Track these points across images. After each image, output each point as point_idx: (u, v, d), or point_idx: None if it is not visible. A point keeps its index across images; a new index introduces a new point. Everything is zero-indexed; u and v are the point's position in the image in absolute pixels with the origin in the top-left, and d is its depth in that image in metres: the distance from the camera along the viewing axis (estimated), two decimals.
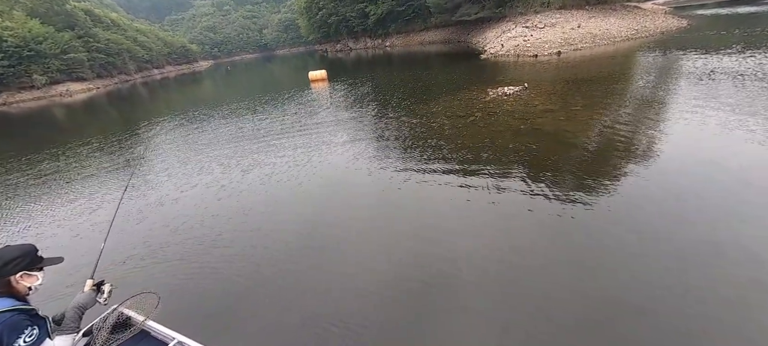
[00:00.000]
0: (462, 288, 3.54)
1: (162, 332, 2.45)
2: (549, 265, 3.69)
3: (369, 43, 59.74)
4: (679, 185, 4.81)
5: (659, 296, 3.13)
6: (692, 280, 3.26)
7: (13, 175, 9.87)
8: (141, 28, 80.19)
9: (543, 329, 2.97)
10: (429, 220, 4.85)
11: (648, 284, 3.28)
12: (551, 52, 19.46)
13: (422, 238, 4.45)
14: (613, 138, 6.62)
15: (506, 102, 10.21)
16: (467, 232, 4.45)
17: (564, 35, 21.51)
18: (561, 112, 8.54)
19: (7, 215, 7.07)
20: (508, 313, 3.18)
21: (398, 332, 3.16)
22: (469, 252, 4.03)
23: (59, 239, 5.80)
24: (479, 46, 28.00)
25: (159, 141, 12.17)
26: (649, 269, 3.44)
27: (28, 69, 44.27)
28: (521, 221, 4.51)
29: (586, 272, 3.53)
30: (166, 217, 6.07)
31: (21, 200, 7.85)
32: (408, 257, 4.12)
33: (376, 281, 3.78)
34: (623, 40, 20.81)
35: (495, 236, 4.34)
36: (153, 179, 8.03)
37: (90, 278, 2.18)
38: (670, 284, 3.23)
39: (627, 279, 3.36)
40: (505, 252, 3.96)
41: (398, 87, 15.91)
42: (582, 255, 3.78)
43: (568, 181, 5.28)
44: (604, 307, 3.12)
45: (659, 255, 3.59)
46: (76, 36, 52.56)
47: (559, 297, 3.26)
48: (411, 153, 7.37)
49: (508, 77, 14.31)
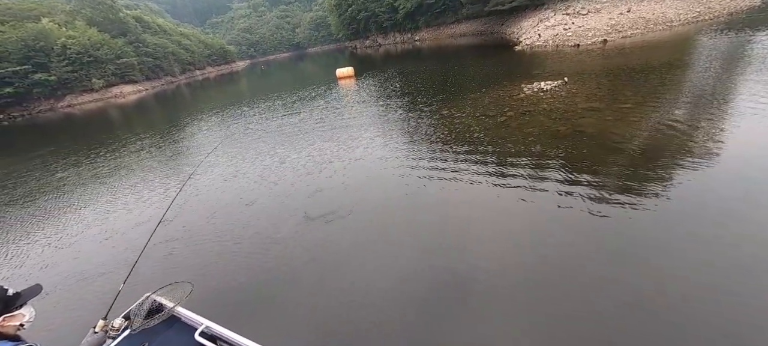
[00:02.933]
0: (486, 293, 3.41)
1: (191, 318, 2.62)
2: (585, 280, 3.28)
3: (398, 38, 59.01)
4: (744, 190, 4.11)
5: (724, 311, 2.76)
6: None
7: (79, 168, 10.68)
8: (185, 31, 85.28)
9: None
10: (454, 224, 4.63)
11: (713, 299, 2.79)
12: (596, 41, 17.76)
13: (446, 241, 4.32)
14: (669, 142, 5.66)
15: (543, 99, 9.30)
16: (493, 238, 4.18)
17: (611, 21, 19.57)
18: (607, 111, 7.56)
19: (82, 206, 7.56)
20: (538, 324, 2.85)
21: (422, 331, 3.12)
22: (495, 258, 3.83)
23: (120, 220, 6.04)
24: (514, 37, 26.42)
25: (199, 138, 12.62)
26: (709, 282, 3.01)
27: (88, 73, 48.73)
28: (555, 233, 3.97)
29: (632, 289, 3.03)
30: (203, 208, 6.58)
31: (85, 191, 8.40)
32: (432, 258, 4.04)
33: (401, 280, 3.75)
34: (682, 24, 18.51)
35: (523, 244, 3.96)
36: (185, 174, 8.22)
37: (103, 318, 2.22)
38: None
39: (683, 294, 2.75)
40: (534, 263, 3.64)
41: (425, 84, 15.29)
42: (627, 270, 3.29)
43: (613, 193, 4.52)
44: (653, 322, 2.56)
45: (725, 268, 3.02)
46: (128, 42, 56.99)
47: (596, 313, 2.89)
48: (435, 155, 6.87)
49: (546, 71, 13.17)
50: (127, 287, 2.65)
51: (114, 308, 2.34)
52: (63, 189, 9.42)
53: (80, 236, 6.38)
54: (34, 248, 6.16)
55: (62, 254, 5.77)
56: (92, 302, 4.26)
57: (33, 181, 10.81)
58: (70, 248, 5.95)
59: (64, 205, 8.16)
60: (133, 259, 3.32)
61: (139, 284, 4.38)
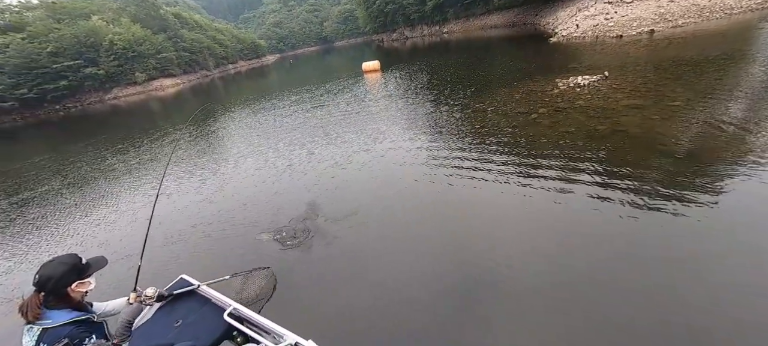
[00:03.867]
0: (512, 297, 3.30)
1: (220, 299, 2.79)
2: (623, 292, 3.00)
3: (426, 31, 57.97)
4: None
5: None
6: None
7: (125, 156, 11.49)
8: (219, 27, 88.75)
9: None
10: (481, 225, 4.52)
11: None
12: (641, 32, 16.40)
13: (472, 242, 4.20)
14: (726, 145, 5.06)
15: (579, 95, 8.70)
16: (522, 241, 4.01)
17: (659, 9, 17.99)
18: (653, 109, 6.91)
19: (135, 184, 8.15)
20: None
21: (444, 330, 3.08)
22: (523, 262, 3.69)
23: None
24: (548, 28, 25.05)
25: (232, 130, 13.09)
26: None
27: (131, 68, 52.04)
28: (590, 242, 3.65)
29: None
30: (235, 197, 6.86)
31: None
32: (457, 257, 3.95)
33: (424, 277, 3.72)
34: (744, 12, 16.65)
35: (554, 251, 3.72)
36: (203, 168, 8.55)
37: (133, 290, 2.34)
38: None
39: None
40: (566, 271, 3.36)
41: (453, 78, 14.84)
42: (675, 285, 2.91)
43: (657, 201, 4.10)
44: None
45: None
46: (168, 38, 60.11)
47: (636, 327, 2.51)
48: (462, 153, 6.62)
49: (584, 64, 12.33)
50: (158, 265, 2.72)
51: (140, 280, 2.43)
52: (111, 174, 10.32)
53: (124, 216, 6.94)
54: (83, 227, 6.75)
55: (108, 233, 6.30)
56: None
57: (85, 165, 11.88)
58: (116, 228, 6.47)
59: (111, 189, 8.89)
60: (173, 239, 3.57)
61: (175, 265, 4.62)
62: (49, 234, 6.81)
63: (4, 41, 42.04)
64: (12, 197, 9.77)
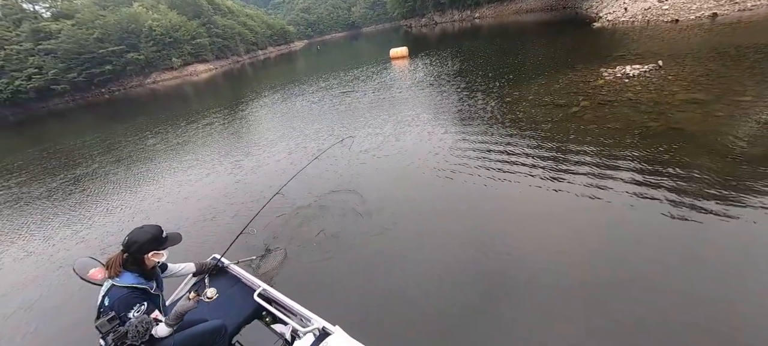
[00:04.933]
0: (539, 296, 3.19)
1: (251, 279, 2.91)
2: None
3: (456, 16, 55.88)
4: None
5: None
6: None
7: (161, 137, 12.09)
8: (250, 12, 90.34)
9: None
10: (512, 224, 4.28)
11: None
12: (701, 15, 14.73)
13: (498, 238, 4.03)
14: None
15: (628, 87, 7.92)
16: (550, 241, 3.77)
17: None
18: (716, 104, 6.12)
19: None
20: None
21: (466, 326, 3.02)
22: (552, 261, 3.51)
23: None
24: (592, 12, 23.24)
25: (259, 115, 13.33)
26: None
27: (168, 53, 54.35)
28: (635, 248, 3.20)
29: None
30: (263, 180, 7.05)
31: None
32: (484, 253, 3.80)
33: (450, 271, 3.63)
34: None
35: (592, 259, 3.29)
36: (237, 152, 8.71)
37: (207, 277, 2.83)
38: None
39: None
40: (603, 279, 2.89)
41: (484, 67, 14.12)
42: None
43: (720, 208, 3.58)
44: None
45: None
46: (201, 24, 62.04)
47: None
48: (493, 147, 6.22)
49: (633, 52, 11.26)
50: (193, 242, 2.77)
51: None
52: (153, 154, 11.00)
53: (169, 193, 7.35)
54: (131, 201, 7.20)
55: (153, 208, 6.69)
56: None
57: (130, 145, 12.72)
58: (162, 204, 6.86)
59: (146, 170, 9.39)
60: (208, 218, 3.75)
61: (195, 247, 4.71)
62: (100, 208, 7.36)
63: (56, 27, 45.14)
64: (67, 172, 10.66)
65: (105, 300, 1.97)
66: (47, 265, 5.42)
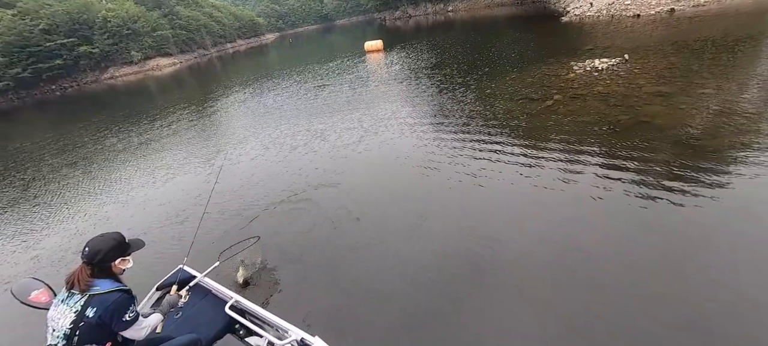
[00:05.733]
0: (515, 286, 3.17)
1: (221, 291, 2.76)
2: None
3: (430, 9, 56.03)
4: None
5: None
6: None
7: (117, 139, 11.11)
8: (216, 3, 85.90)
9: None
10: (487, 217, 4.25)
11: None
12: (661, 10, 15.51)
13: (475, 232, 4.00)
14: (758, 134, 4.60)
15: (597, 81, 8.14)
16: (528, 232, 3.73)
17: None
18: (681, 97, 6.39)
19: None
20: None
21: (444, 318, 3.03)
22: (528, 252, 3.45)
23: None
24: (559, 7, 23.91)
25: (229, 111, 12.62)
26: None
27: (127, 46, 50.72)
28: (607, 244, 3.23)
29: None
30: (238, 180, 6.68)
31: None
32: (460, 247, 3.78)
33: (427, 269, 3.57)
34: None
35: (565, 247, 3.21)
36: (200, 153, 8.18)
37: (175, 283, 2.56)
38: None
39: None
40: (580, 270, 2.87)
41: (459, 61, 14.15)
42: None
43: (693, 203, 3.69)
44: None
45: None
46: (163, 15, 58.29)
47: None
48: (471, 143, 6.15)
49: (600, 46, 11.64)
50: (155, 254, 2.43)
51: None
52: (113, 155, 10.24)
53: (128, 198, 6.70)
54: (87, 207, 6.50)
55: (112, 214, 6.07)
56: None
57: (87, 146, 11.69)
58: (123, 209, 6.18)
59: (106, 173, 8.66)
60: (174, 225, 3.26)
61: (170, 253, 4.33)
62: (54, 217, 6.68)
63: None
64: (13, 177, 9.67)
65: (86, 313, 1.78)
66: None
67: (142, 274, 3.50)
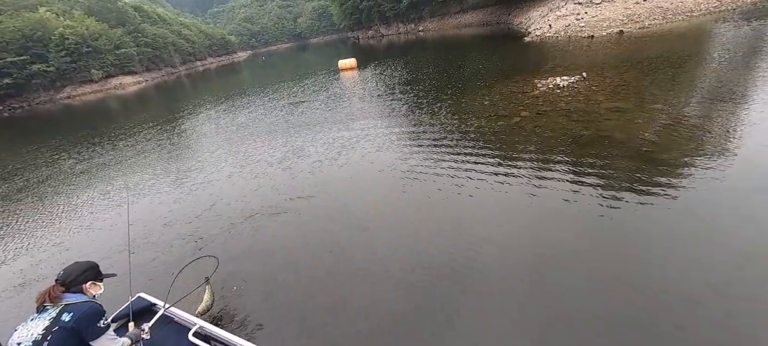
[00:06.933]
0: (486, 293, 3.28)
1: (184, 318, 2.66)
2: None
3: (402, 29, 57.77)
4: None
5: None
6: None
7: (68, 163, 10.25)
8: (185, 21, 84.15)
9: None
10: (465, 237, 4.16)
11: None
12: (611, 32, 16.87)
13: (447, 244, 4.09)
14: (697, 142, 5.01)
15: (560, 97, 8.61)
16: (500, 244, 3.67)
17: (627, 11, 18.61)
18: (636, 112, 6.86)
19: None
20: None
21: (424, 323, 3.08)
22: (499, 262, 3.49)
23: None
24: (521, 28, 25.45)
25: (200, 130, 12.09)
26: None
27: (87, 64, 48.13)
28: (578, 252, 3.34)
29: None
30: (202, 200, 6.49)
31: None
32: (437, 262, 3.81)
33: (399, 280, 3.61)
34: (703, 13, 17.52)
35: (535, 257, 3.30)
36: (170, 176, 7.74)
37: (131, 320, 2.47)
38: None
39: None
40: (548, 277, 2.93)
41: (430, 78, 14.55)
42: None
43: (653, 212, 3.91)
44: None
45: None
46: (127, 32, 56.17)
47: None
48: (443, 159, 6.23)
49: (560, 64, 12.39)
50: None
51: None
52: (70, 177, 9.49)
53: (84, 223, 6.05)
54: (39, 235, 5.76)
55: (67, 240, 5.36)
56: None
57: (42, 169, 10.63)
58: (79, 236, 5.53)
59: (63, 197, 7.88)
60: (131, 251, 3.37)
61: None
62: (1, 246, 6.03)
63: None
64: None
65: (62, 318, 1.81)
66: None
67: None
